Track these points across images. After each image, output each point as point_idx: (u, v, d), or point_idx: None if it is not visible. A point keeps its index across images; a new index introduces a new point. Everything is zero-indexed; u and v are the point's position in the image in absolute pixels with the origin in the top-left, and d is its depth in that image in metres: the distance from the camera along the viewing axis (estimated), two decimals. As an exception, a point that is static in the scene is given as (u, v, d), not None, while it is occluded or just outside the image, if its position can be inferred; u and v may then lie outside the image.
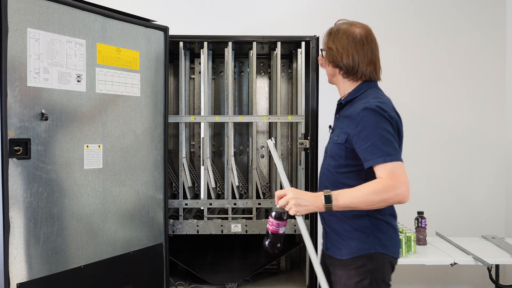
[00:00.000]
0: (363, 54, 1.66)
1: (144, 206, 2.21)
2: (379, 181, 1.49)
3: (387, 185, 1.48)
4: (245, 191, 2.82)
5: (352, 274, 1.63)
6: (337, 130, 1.66)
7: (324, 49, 1.72)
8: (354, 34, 1.67)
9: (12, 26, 1.66)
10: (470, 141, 3.27)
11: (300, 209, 1.50)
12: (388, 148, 1.51)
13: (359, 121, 1.55)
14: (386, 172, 1.49)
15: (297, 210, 1.50)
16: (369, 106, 1.55)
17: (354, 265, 1.62)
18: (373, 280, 1.62)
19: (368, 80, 1.68)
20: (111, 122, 2.05)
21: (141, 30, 2.19)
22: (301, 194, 1.52)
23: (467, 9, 3.27)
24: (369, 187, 1.49)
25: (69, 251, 1.87)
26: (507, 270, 3.20)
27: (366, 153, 1.52)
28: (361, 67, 1.66)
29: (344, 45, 1.65)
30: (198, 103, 2.92)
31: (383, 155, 1.49)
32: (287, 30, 2.97)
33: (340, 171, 1.63)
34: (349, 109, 1.64)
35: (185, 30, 2.48)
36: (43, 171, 1.77)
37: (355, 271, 1.62)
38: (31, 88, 1.73)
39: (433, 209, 3.10)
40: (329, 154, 1.68)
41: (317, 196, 1.50)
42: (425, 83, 3.26)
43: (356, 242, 1.62)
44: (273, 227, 1.57)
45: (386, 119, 1.54)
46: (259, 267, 2.56)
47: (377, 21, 3.24)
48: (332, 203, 1.48)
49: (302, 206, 1.50)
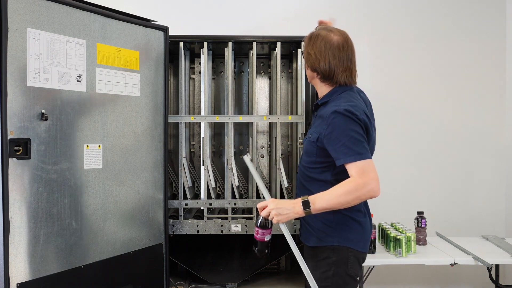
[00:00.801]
0: (339, 61, 1.75)
1: (144, 206, 2.21)
2: (350, 180, 1.61)
3: (358, 183, 1.58)
4: (245, 191, 2.82)
5: (318, 265, 1.77)
6: (312, 129, 1.81)
7: (304, 53, 1.83)
8: (332, 41, 1.76)
9: (12, 26, 1.66)
10: (470, 141, 3.28)
11: (281, 218, 1.63)
12: (358, 148, 1.61)
13: (329, 123, 1.66)
14: (357, 171, 1.59)
15: (278, 220, 1.64)
16: (338, 109, 1.64)
17: (320, 257, 1.77)
18: (336, 272, 1.74)
19: (343, 84, 1.78)
20: (111, 122, 2.05)
21: (141, 30, 2.19)
22: (281, 203, 1.65)
23: (467, 9, 3.27)
24: (342, 188, 1.60)
25: (69, 251, 1.87)
26: (507, 270, 3.20)
27: (338, 153, 1.63)
28: (336, 73, 1.76)
29: (321, 51, 1.75)
30: (198, 103, 2.92)
31: (353, 154, 1.60)
32: (287, 30, 2.97)
33: (312, 167, 1.76)
34: (323, 110, 1.75)
35: (185, 30, 2.48)
36: (43, 171, 1.77)
37: (321, 262, 1.77)
38: (31, 88, 1.73)
39: (433, 209, 3.10)
40: (304, 150, 1.81)
41: (296, 203, 1.63)
42: (425, 83, 3.26)
43: (322, 234, 1.77)
44: (259, 236, 1.72)
45: (354, 121, 1.63)
46: (259, 267, 2.56)
47: (377, 21, 3.24)
48: (310, 208, 1.61)
49: (283, 215, 1.63)
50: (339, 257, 1.75)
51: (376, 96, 3.17)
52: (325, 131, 1.67)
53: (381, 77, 3.24)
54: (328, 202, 1.61)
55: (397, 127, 3.23)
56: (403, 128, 3.25)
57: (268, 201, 1.67)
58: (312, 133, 1.77)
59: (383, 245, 2.64)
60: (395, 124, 3.22)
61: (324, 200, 1.61)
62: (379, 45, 3.23)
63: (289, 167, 2.92)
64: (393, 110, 3.23)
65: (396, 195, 3.20)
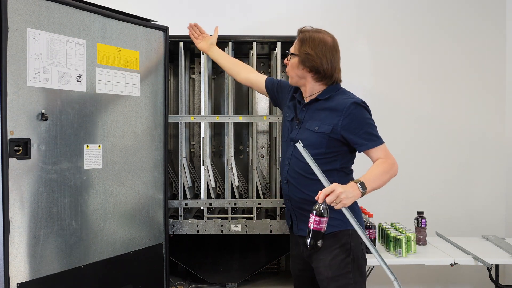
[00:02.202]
0: (337, 60, 1.88)
1: (144, 206, 2.21)
2: (382, 161, 1.76)
3: (389, 163, 1.75)
4: (245, 191, 2.82)
5: (336, 253, 1.79)
6: (315, 122, 1.84)
7: (299, 54, 1.86)
8: (328, 42, 1.85)
9: (12, 26, 1.66)
10: (470, 141, 3.28)
11: (348, 202, 1.62)
12: (377, 133, 1.81)
13: (348, 113, 1.78)
14: (383, 153, 1.78)
15: (345, 203, 1.61)
16: (357, 101, 1.80)
17: (338, 244, 1.79)
18: (355, 258, 1.80)
19: (338, 82, 1.90)
20: (111, 122, 2.05)
21: (141, 30, 2.19)
22: (345, 188, 1.62)
23: (467, 9, 3.27)
24: (379, 169, 1.73)
25: (69, 251, 1.87)
26: (507, 270, 3.20)
27: (362, 139, 1.77)
28: (336, 71, 1.87)
29: (323, 51, 1.83)
30: (198, 103, 2.92)
31: (376, 139, 1.79)
32: (287, 30, 2.97)
33: (320, 158, 1.79)
34: (328, 103, 1.84)
35: (185, 30, 2.48)
36: (43, 171, 1.77)
37: (339, 249, 1.79)
38: (31, 88, 1.73)
39: (433, 209, 3.10)
40: (306, 143, 1.78)
41: (354, 186, 1.64)
42: (424, 83, 3.26)
43: (335, 220, 1.78)
44: (316, 225, 1.63)
45: (368, 111, 1.83)
46: (259, 267, 2.56)
47: (377, 20, 3.24)
48: (366, 189, 1.66)
49: (349, 198, 1.62)
50: (356, 242, 1.82)
51: (376, 96, 3.18)
52: (343, 121, 1.78)
53: (380, 77, 3.24)
54: (375, 182, 1.69)
55: (396, 127, 3.23)
56: (403, 128, 3.25)
57: (334, 185, 1.62)
58: (321, 125, 1.82)
59: (383, 245, 2.64)
60: (394, 124, 3.22)
61: (371, 181, 1.68)
62: (379, 45, 3.23)
63: (289, 167, 2.92)
64: (392, 110, 3.22)
65: (396, 195, 3.19)
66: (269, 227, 2.44)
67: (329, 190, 1.61)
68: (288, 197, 1.93)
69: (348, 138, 1.79)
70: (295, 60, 1.88)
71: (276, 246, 2.73)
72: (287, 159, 1.91)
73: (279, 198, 2.47)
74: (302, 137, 1.82)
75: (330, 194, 1.60)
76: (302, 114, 1.90)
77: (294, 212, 1.92)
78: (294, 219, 1.94)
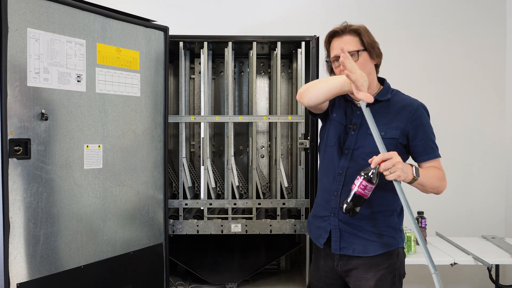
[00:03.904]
0: None
1: (144, 206, 2.21)
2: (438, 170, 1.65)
3: (444, 175, 1.65)
4: (245, 191, 2.82)
5: (383, 274, 1.66)
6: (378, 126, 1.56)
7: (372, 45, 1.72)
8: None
9: (12, 26, 1.66)
10: (470, 141, 3.28)
11: (402, 175, 1.48)
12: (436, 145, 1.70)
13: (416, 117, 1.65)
14: (440, 165, 1.68)
15: (399, 176, 1.47)
16: (423, 105, 1.70)
17: (385, 264, 1.66)
18: (399, 276, 1.70)
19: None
20: (111, 122, 2.05)
21: (141, 30, 2.19)
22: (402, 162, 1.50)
23: (467, 9, 3.27)
24: (435, 172, 1.63)
25: (69, 251, 1.87)
26: (507, 270, 3.21)
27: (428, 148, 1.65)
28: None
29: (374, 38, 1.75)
30: (198, 103, 2.92)
31: (437, 149, 1.68)
32: (287, 30, 2.98)
33: None
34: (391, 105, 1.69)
35: (185, 30, 2.48)
36: (43, 171, 1.77)
37: (386, 270, 1.66)
38: (31, 88, 1.73)
39: (433, 209, 3.10)
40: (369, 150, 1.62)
41: (409, 167, 1.53)
42: (425, 83, 3.26)
43: (386, 238, 1.67)
44: (360, 190, 1.51)
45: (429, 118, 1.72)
46: (259, 267, 2.56)
47: (377, 21, 3.24)
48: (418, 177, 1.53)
49: (404, 172, 1.49)
50: (401, 260, 1.72)
51: (376, 96, 3.18)
52: (410, 125, 1.65)
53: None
54: (427, 179, 1.57)
55: (397, 127, 3.23)
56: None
57: (393, 153, 1.48)
58: (387, 130, 1.64)
59: (383, 245, 2.63)
60: (395, 124, 3.22)
61: (424, 175, 1.56)
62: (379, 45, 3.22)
63: (289, 167, 2.92)
64: (393, 110, 3.22)
65: (396, 195, 3.19)
66: (269, 227, 2.44)
67: (388, 156, 1.46)
68: (335, 210, 1.70)
69: (411, 145, 1.66)
70: (365, 56, 1.69)
71: (276, 246, 2.73)
72: (340, 168, 1.69)
73: (279, 198, 2.47)
74: (363, 145, 1.66)
75: (387, 160, 1.46)
76: (359, 118, 1.69)
77: (337, 227, 1.70)
78: (336, 236, 1.70)
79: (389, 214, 1.70)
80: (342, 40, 1.69)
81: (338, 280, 1.75)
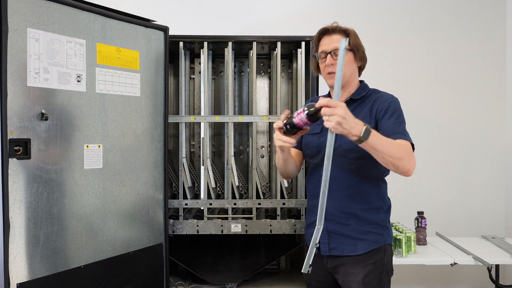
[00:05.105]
0: None
1: (144, 206, 2.21)
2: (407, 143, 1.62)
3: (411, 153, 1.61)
4: (245, 191, 2.82)
5: (370, 270, 1.69)
6: None
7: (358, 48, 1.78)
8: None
9: (12, 26, 1.66)
10: (470, 141, 3.28)
11: (339, 129, 1.42)
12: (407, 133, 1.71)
13: (389, 103, 1.71)
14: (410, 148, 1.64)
15: (334, 128, 1.42)
16: (394, 97, 1.77)
17: (372, 260, 1.70)
18: (386, 272, 1.73)
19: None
20: (111, 122, 2.05)
21: (141, 30, 2.19)
22: (349, 115, 1.42)
23: (467, 9, 3.27)
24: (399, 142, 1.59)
25: (69, 251, 1.87)
26: (507, 270, 3.21)
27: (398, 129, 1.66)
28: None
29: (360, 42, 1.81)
30: (198, 103, 2.92)
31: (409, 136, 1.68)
32: (287, 30, 2.97)
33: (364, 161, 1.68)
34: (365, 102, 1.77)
35: (185, 30, 2.48)
36: (43, 171, 1.77)
37: (373, 266, 1.70)
38: (31, 88, 1.73)
39: (433, 209, 3.10)
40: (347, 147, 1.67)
41: (359, 124, 1.45)
42: (424, 83, 3.26)
43: (373, 235, 1.71)
44: (298, 120, 1.53)
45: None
46: (259, 267, 2.56)
47: (376, 21, 3.24)
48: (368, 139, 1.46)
49: (343, 128, 1.42)
50: (388, 257, 1.75)
51: (376, 96, 3.18)
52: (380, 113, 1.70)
53: (380, 77, 3.23)
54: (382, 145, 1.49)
55: (397, 127, 3.23)
56: (403, 128, 3.25)
57: (340, 104, 1.41)
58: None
59: (383, 245, 2.63)
60: (395, 124, 3.22)
61: (379, 138, 1.49)
62: (379, 45, 3.23)
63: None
64: (393, 110, 3.22)
65: (396, 195, 3.18)
66: (269, 227, 2.44)
67: (333, 104, 1.41)
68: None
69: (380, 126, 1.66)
70: (350, 56, 1.76)
71: (276, 246, 2.73)
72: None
73: (279, 198, 2.47)
74: (342, 142, 1.65)
75: (331, 107, 1.41)
76: None
77: (325, 229, 1.72)
78: (324, 238, 1.74)
79: (376, 212, 1.74)
80: (331, 38, 1.78)
81: (329, 277, 1.81)
